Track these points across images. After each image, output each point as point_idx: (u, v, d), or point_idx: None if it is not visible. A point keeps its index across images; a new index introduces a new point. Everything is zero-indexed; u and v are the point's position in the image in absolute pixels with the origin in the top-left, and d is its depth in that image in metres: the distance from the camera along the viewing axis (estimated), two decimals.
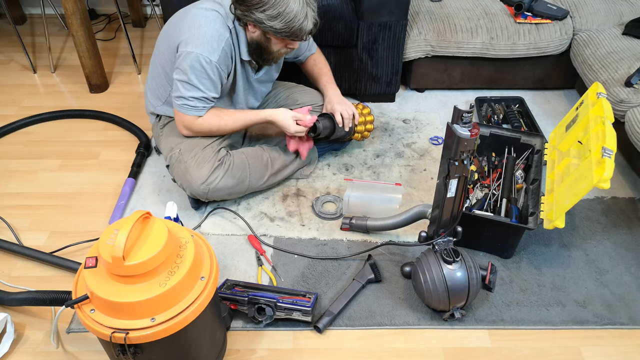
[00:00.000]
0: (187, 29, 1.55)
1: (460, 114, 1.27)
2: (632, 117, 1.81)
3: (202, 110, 1.65)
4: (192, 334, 1.18)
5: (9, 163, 2.05)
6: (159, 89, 1.76)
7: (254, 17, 1.49)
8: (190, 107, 1.63)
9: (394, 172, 2.00)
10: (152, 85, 1.79)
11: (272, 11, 1.47)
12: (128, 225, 1.05)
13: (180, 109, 1.64)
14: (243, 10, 1.50)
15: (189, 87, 1.59)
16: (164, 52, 1.66)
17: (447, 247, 1.44)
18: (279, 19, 1.48)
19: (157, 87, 1.76)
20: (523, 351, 1.43)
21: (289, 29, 1.50)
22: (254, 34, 1.58)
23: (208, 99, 1.63)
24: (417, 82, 2.41)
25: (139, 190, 1.91)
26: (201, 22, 1.54)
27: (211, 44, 1.54)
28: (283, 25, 1.49)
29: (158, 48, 1.71)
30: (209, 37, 1.54)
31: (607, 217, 1.82)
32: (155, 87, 1.77)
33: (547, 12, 2.24)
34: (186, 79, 1.57)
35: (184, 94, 1.60)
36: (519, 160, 1.86)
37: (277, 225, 1.77)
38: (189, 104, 1.62)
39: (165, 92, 1.74)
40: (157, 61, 1.71)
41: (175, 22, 1.63)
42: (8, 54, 2.77)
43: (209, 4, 1.58)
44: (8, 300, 1.45)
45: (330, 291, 1.56)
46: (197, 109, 1.64)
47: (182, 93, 1.60)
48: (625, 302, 1.55)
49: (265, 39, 1.58)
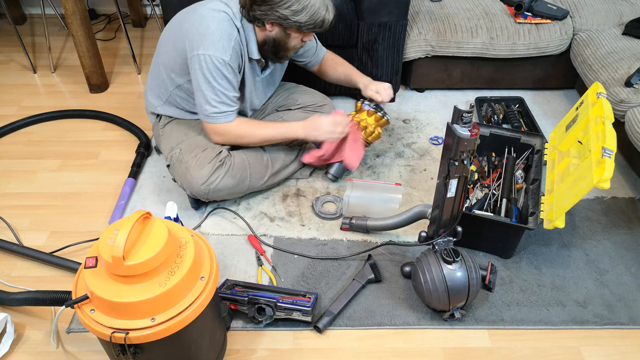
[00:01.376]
0: (195, 29, 1.54)
1: (460, 114, 1.27)
2: (632, 117, 1.81)
3: (230, 115, 1.65)
4: (192, 334, 1.18)
5: (9, 163, 2.05)
6: (159, 89, 1.75)
7: (277, 15, 1.50)
8: (218, 115, 1.63)
9: (394, 172, 2.00)
10: (152, 85, 1.78)
11: (297, 6, 1.49)
12: (128, 225, 1.05)
13: (209, 119, 1.64)
14: (265, 10, 1.51)
15: (209, 92, 1.58)
16: (168, 52, 1.65)
17: (447, 247, 1.44)
18: (304, 12, 1.50)
19: (157, 87, 1.76)
20: (523, 351, 1.43)
21: (313, 21, 1.53)
22: (272, 32, 1.58)
23: (230, 99, 1.62)
24: (417, 82, 2.41)
25: (139, 190, 1.91)
26: (209, 23, 1.53)
27: (222, 44, 1.53)
28: (308, 18, 1.52)
29: (161, 47, 1.70)
30: (218, 37, 1.53)
31: (607, 217, 1.82)
32: (155, 87, 1.77)
33: (547, 12, 2.24)
34: (204, 84, 1.57)
35: (208, 101, 1.59)
36: (519, 160, 1.86)
37: (277, 225, 1.77)
38: (215, 112, 1.62)
39: (166, 91, 1.74)
40: (160, 60, 1.70)
41: (181, 21, 1.61)
42: (8, 54, 2.77)
43: (216, 4, 1.57)
44: (8, 300, 1.45)
45: (330, 291, 1.56)
46: (225, 115, 1.64)
47: (206, 101, 1.60)
48: (625, 302, 1.55)
49: (285, 34, 1.59)
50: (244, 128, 1.69)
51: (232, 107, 1.64)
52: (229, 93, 1.61)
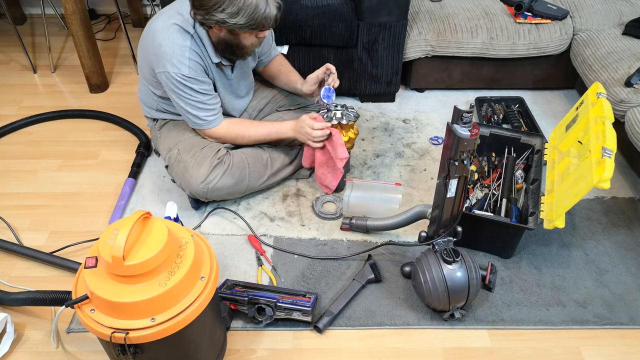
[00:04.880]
0: (152, 48, 1.55)
1: (460, 114, 1.27)
2: (632, 117, 1.81)
3: (214, 120, 1.67)
4: (192, 334, 1.18)
5: (9, 163, 2.05)
6: (148, 99, 1.78)
7: (215, 19, 1.45)
8: (202, 123, 1.66)
9: (394, 172, 2.00)
10: (141, 95, 1.81)
11: (231, 8, 1.43)
12: (128, 225, 1.05)
13: (197, 127, 1.68)
14: (203, 14, 1.46)
15: (184, 105, 1.61)
16: (142, 67, 1.67)
17: (447, 247, 1.44)
18: (241, 14, 1.44)
19: (145, 97, 1.78)
20: (523, 351, 1.43)
21: (253, 21, 1.46)
22: (221, 33, 1.54)
23: (208, 105, 1.63)
24: (417, 82, 2.41)
25: (139, 190, 1.91)
26: (160, 41, 1.52)
27: (176, 59, 1.52)
28: (247, 19, 1.45)
29: (139, 60, 1.70)
30: (171, 54, 1.51)
31: (607, 217, 1.82)
32: (144, 97, 1.80)
33: (547, 12, 2.24)
34: (177, 99, 1.60)
35: (187, 113, 1.63)
36: (519, 160, 1.86)
37: (277, 225, 1.77)
38: (198, 122, 1.65)
39: (153, 102, 1.76)
40: (141, 74, 1.72)
41: (144, 37, 1.61)
42: (8, 54, 2.77)
43: (166, 16, 1.55)
44: (8, 300, 1.45)
45: (330, 291, 1.56)
46: (209, 121, 1.66)
47: (185, 113, 1.64)
48: (625, 302, 1.55)
49: (233, 36, 1.54)
50: (236, 130, 1.71)
51: (213, 111, 1.65)
52: (203, 99, 1.61)
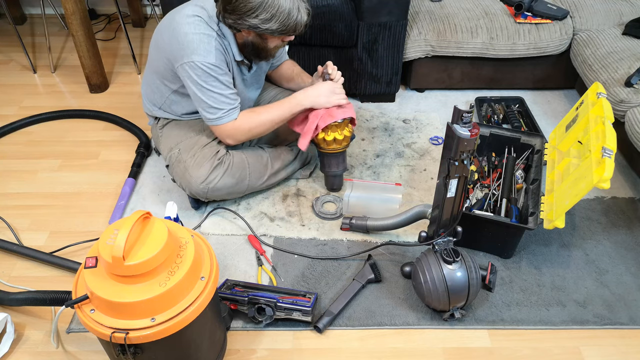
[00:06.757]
0: (175, 39, 1.54)
1: (460, 114, 1.27)
2: (632, 117, 1.81)
3: (233, 113, 1.62)
4: (192, 334, 1.18)
5: (9, 163, 2.05)
6: (154, 95, 1.75)
7: (247, 24, 1.47)
8: (222, 116, 1.61)
9: (394, 172, 2.00)
10: (147, 91, 1.78)
11: (265, 15, 1.44)
12: (128, 225, 1.05)
13: (214, 123, 1.62)
14: (235, 19, 1.47)
15: (206, 98, 1.57)
16: (158, 60, 1.65)
17: (447, 247, 1.44)
18: (274, 20, 1.46)
19: (152, 93, 1.76)
20: (523, 351, 1.43)
21: (285, 27, 1.48)
22: (249, 36, 1.55)
23: (229, 98, 1.60)
24: (417, 82, 2.41)
25: (139, 190, 1.91)
26: (186, 30, 1.51)
27: (203, 47, 1.52)
28: (279, 25, 1.47)
29: (151, 55, 1.69)
30: (198, 42, 1.51)
31: (607, 217, 1.82)
32: (150, 93, 1.77)
33: (547, 12, 2.24)
34: (199, 92, 1.56)
35: (207, 106, 1.58)
36: (519, 160, 1.86)
37: (277, 225, 1.77)
38: (217, 116, 1.60)
39: (161, 98, 1.73)
40: (152, 68, 1.70)
41: (163, 30, 1.60)
42: (8, 54, 2.77)
43: (191, 9, 1.55)
44: (8, 300, 1.45)
45: (330, 291, 1.56)
46: (228, 114, 1.61)
47: (205, 107, 1.59)
48: (625, 302, 1.55)
49: (262, 40, 1.56)
50: (251, 119, 1.66)
51: (233, 104, 1.62)
52: (225, 92, 1.59)
